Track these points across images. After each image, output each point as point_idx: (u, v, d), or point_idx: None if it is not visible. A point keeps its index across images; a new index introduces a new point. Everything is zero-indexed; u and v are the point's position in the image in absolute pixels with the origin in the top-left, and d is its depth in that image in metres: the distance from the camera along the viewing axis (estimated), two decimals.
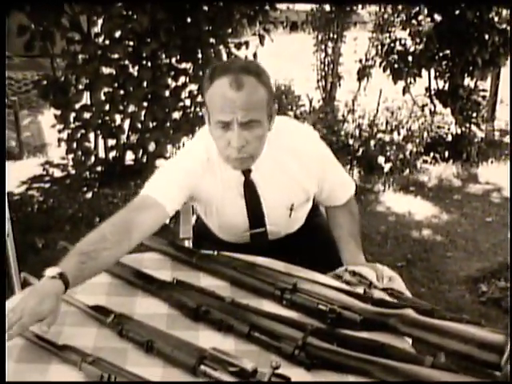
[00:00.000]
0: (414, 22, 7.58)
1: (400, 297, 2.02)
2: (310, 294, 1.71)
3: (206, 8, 5.67)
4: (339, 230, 2.46)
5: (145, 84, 5.66)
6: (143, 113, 5.85)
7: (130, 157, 6.19)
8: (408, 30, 7.65)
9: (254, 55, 6.33)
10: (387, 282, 2.11)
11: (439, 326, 1.55)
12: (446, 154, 7.25)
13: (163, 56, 5.72)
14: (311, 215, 2.58)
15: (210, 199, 2.27)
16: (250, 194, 2.26)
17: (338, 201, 2.49)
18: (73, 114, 5.68)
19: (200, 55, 5.84)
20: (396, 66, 7.78)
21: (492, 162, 7.26)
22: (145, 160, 6.13)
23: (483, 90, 7.94)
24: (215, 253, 2.00)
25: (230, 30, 6.03)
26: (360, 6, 8.62)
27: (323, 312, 1.65)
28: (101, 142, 6.08)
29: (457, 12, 7.05)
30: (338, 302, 1.66)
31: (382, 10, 8.12)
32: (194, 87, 6.04)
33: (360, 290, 1.97)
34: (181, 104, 6.03)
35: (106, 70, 5.59)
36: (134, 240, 1.89)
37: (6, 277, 3.18)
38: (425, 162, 7.09)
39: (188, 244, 2.70)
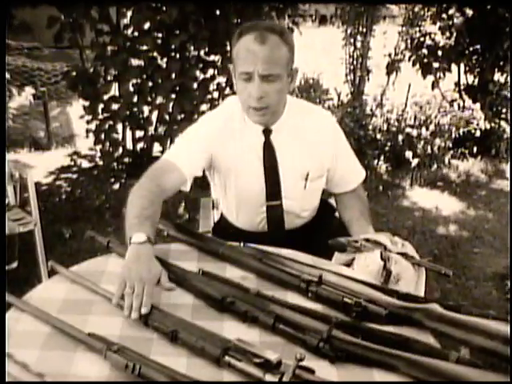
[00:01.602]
0: (444, 16, 7.52)
1: (413, 261, 2.12)
2: (335, 287, 1.71)
3: (234, 1, 5.67)
4: (349, 211, 2.53)
5: (173, 76, 5.66)
6: (171, 104, 5.86)
7: (157, 148, 6.21)
8: (438, 25, 7.60)
9: None
10: (400, 247, 2.16)
11: (465, 321, 1.54)
12: (475, 149, 7.20)
13: (192, 48, 5.72)
14: (326, 215, 2.65)
15: (229, 166, 2.39)
16: (269, 156, 2.38)
17: (348, 186, 2.57)
18: (101, 105, 5.71)
19: (228, 48, 5.83)
20: (425, 60, 7.74)
21: None
22: None
23: None
24: (241, 244, 2.00)
25: None
26: None
27: (348, 305, 1.64)
28: (129, 133, 6.10)
29: (488, 6, 6.98)
30: (363, 295, 1.66)
31: (412, 3, 8.06)
32: (222, 80, 6.04)
33: (377, 252, 2.05)
34: (209, 96, 6.04)
35: (134, 62, 5.61)
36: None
37: (6, 274, 3.20)
38: (453, 157, 7.05)
39: None
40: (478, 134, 7.20)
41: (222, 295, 1.65)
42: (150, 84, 5.69)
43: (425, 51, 7.72)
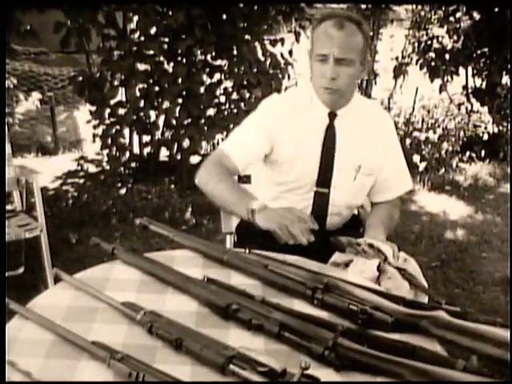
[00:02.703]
0: (451, 19, 7.51)
1: (411, 280, 2.11)
2: (341, 294, 1.70)
3: (241, 5, 5.67)
4: (373, 218, 2.59)
5: (180, 80, 5.67)
6: (178, 109, 5.87)
7: (164, 153, 6.23)
8: (445, 28, 7.59)
9: (290, 52, 6.31)
10: (402, 262, 2.16)
11: (472, 328, 1.53)
12: (483, 153, 7.18)
13: (198, 52, 5.73)
14: (352, 227, 2.68)
15: (288, 149, 2.48)
16: (329, 140, 2.48)
17: (388, 194, 2.65)
18: (108, 110, 5.73)
19: (235, 52, 5.83)
20: (433, 63, 7.73)
21: None
22: (179, 156, 6.15)
23: None
24: (246, 251, 1.99)
25: (265, 27, 6.03)
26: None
27: (354, 312, 1.63)
28: (135, 137, 6.12)
29: (495, 9, 6.96)
30: (369, 302, 1.65)
31: (419, 7, 8.05)
32: (228, 84, 6.04)
33: (376, 262, 2.08)
34: (215, 101, 6.04)
35: (141, 67, 5.62)
36: None
37: (5, 278, 3.21)
38: (461, 161, 7.03)
39: (230, 239, 2.78)
40: (485, 137, 7.18)
41: (226, 303, 1.64)
42: (157, 89, 5.70)
43: (432, 54, 7.70)
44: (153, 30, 5.52)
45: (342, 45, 2.28)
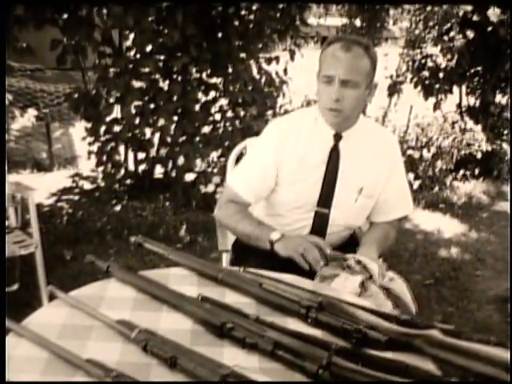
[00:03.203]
0: (445, 38, 7.56)
1: (395, 300, 2.13)
2: (335, 313, 1.70)
3: (236, 23, 5.70)
4: (368, 236, 2.61)
5: (175, 98, 5.69)
6: (173, 127, 5.88)
7: (159, 170, 6.23)
8: (439, 47, 7.64)
9: (285, 70, 6.34)
10: (387, 282, 2.18)
11: (465, 347, 1.53)
12: (476, 171, 7.21)
13: (194, 70, 5.75)
14: (349, 246, 2.65)
15: (292, 169, 2.50)
16: (333, 161, 2.50)
17: (388, 215, 2.68)
18: (103, 127, 5.74)
19: (230, 70, 5.86)
20: (427, 82, 7.77)
21: None
22: (174, 174, 6.15)
23: None
24: (241, 269, 1.99)
25: (260, 46, 6.05)
26: (391, 22, 8.60)
27: (348, 331, 1.63)
28: (130, 155, 6.12)
29: (489, 29, 7.01)
30: (363, 321, 1.65)
31: (414, 25, 8.11)
32: (224, 102, 6.06)
33: (359, 278, 2.10)
34: (211, 118, 6.06)
35: (136, 84, 5.64)
36: None
37: (5, 279, 3.20)
38: (455, 179, 7.05)
39: (226, 257, 2.80)
40: (479, 155, 7.21)
41: (221, 321, 1.64)
42: (152, 106, 5.72)
43: (426, 73, 7.75)
44: (148, 48, 5.54)
45: (348, 67, 2.32)
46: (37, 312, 1.79)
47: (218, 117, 6.11)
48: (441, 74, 7.63)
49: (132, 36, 5.56)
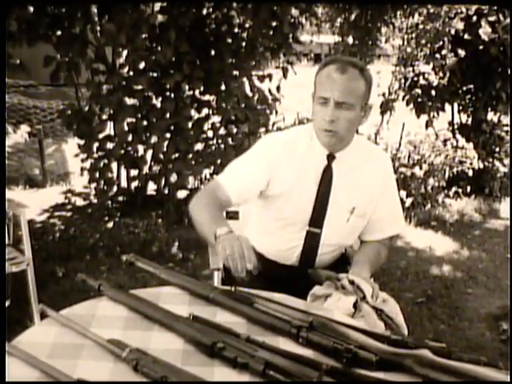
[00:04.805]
0: (437, 56, 7.59)
1: (387, 322, 2.14)
2: (326, 333, 1.70)
3: (229, 40, 5.72)
4: (360, 255, 2.60)
5: (168, 115, 5.70)
6: (166, 144, 5.90)
7: (151, 187, 6.23)
8: (431, 64, 7.67)
9: (278, 88, 6.36)
10: (380, 303, 2.18)
11: (456, 367, 1.53)
12: (468, 188, 7.23)
13: (186, 88, 5.77)
14: (340, 264, 2.67)
15: (284, 187, 2.50)
16: (326, 181, 2.50)
17: (380, 234, 2.66)
18: (96, 144, 5.75)
19: (223, 87, 5.87)
20: (419, 99, 7.80)
21: None
22: (166, 191, 6.16)
23: (506, 125, 7.90)
24: (232, 289, 2.00)
25: (253, 63, 6.07)
26: (383, 40, 8.64)
27: (339, 351, 1.64)
28: (123, 171, 6.13)
29: (480, 47, 7.05)
30: (354, 341, 1.65)
31: (406, 43, 8.14)
32: (216, 119, 6.08)
33: (352, 299, 2.10)
34: (203, 136, 6.07)
35: (129, 101, 5.65)
36: None
37: (5, 283, 3.18)
38: (447, 196, 7.07)
39: (218, 275, 2.75)
40: (471, 173, 7.23)
41: (212, 341, 1.64)
42: (145, 123, 5.73)
43: (418, 91, 7.78)
44: (141, 65, 5.56)
45: (343, 89, 2.33)
46: (28, 331, 1.79)
47: (210, 134, 6.12)
48: (433, 92, 7.66)
49: (125, 53, 5.58)
